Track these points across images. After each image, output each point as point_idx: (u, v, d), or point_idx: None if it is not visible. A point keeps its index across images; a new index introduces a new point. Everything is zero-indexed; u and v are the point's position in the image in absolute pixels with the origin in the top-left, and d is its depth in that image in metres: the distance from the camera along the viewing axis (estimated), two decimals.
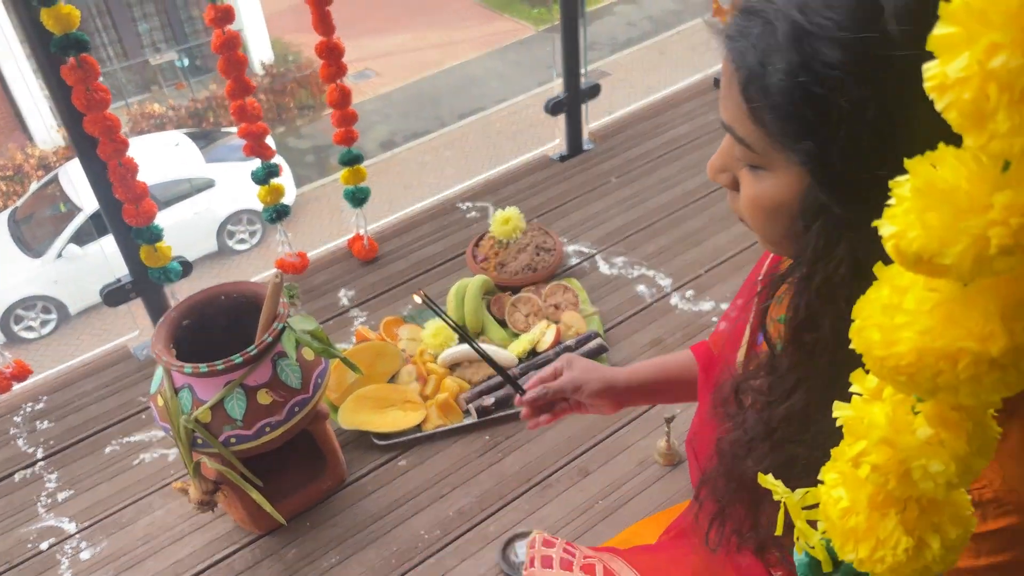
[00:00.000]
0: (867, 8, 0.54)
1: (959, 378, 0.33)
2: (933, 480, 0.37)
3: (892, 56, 0.52)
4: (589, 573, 1.18)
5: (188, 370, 1.45)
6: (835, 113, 0.56)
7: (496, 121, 9.87)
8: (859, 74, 0.55)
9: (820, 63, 0.56)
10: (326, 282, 2.25)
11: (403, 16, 12.00)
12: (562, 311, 2.02)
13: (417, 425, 1.83)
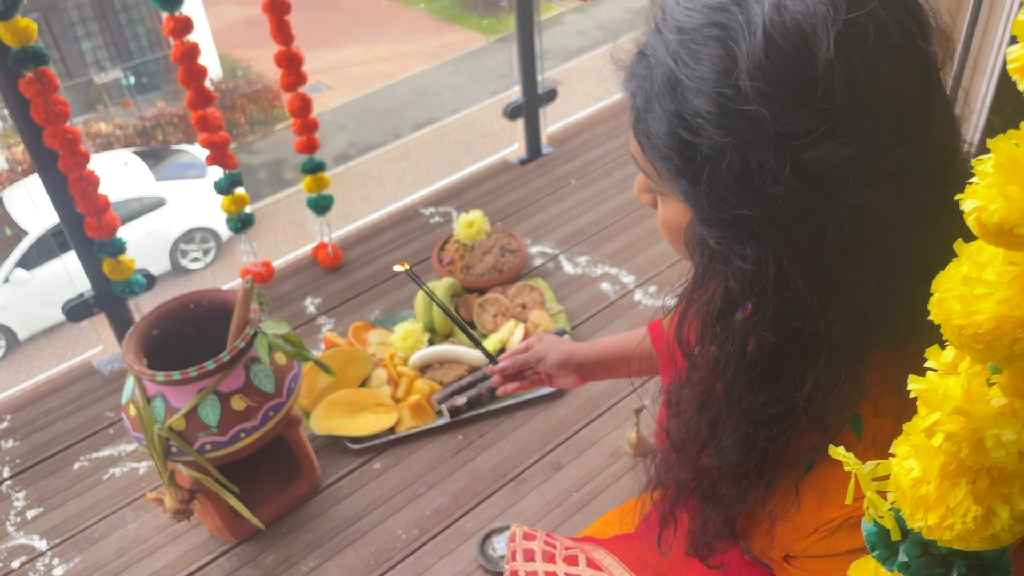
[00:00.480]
0: (725, 63, 0.59)
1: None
2: (1005, 449, 0.37)
3: (751, 113, 0.58)
4: (572, 563, 1.21)
5: (161, 379, 1.44)
6: (700, 157, 0.62)
7: (451, 131, 9.91)
8: (719, 123, 0.60)
9: (689, 111, 0.61)
10: (292, 290, 2.26)
11: (353, 30, 11.99)
12: (529, 310, 2.06)
13: (390, 428, 1.85)
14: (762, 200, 0.60)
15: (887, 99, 0.58)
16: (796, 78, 0.57)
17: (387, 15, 12.57)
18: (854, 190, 0.59)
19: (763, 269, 0.62)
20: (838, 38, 0.56)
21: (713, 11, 0.60)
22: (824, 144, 0.57)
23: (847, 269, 0.62)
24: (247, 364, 1.52)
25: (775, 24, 0.57)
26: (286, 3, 1.96)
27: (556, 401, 1.89)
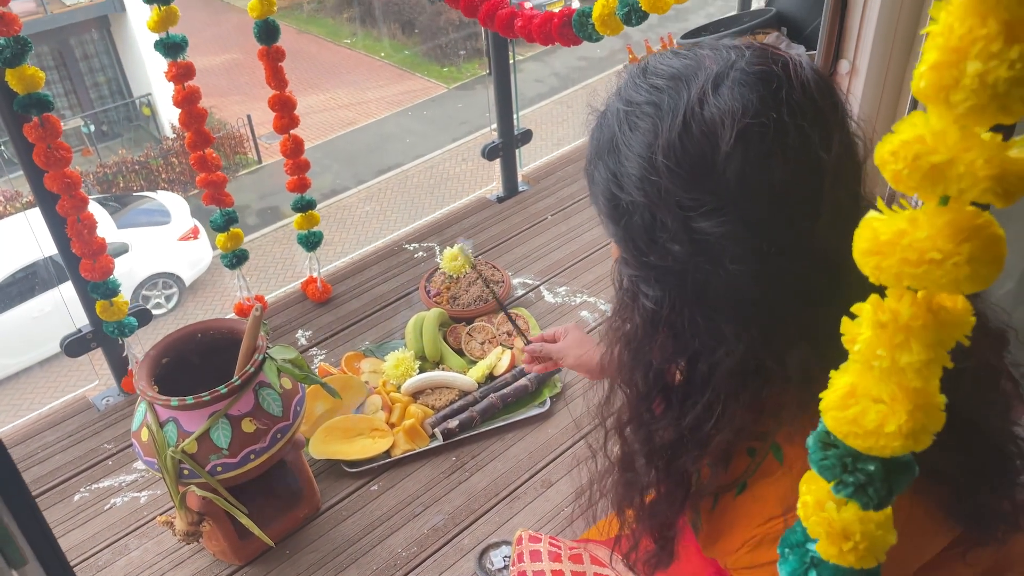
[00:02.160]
0: (650, 138, 0.71)
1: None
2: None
3: (659, 183, 0.70)
4: (577, 561, 1.30)
5: (175, 403, 1.51)
6: (623, 208, 0.74)
7: (414, 175, 10.06)
8: (638, 184, 0.72)
9: (621, 170, 0.73)
10: (283, 324, 2.33)
11: (315, 78, 12.15)
12: (515, 337, 2.17)
13: (386, 451, 1.92)
14: (663, 252, 0.72)
15: (774, 191, 0.67)
16: (698, 161, 0.68)
17: (349, 64, 12.77)
18: (733, 259, 0.69)
19: (661, 309, 0.75)
20: (740, 134, 0.66)
21: (654, 91, 0.72)
22: (711, 218, 0.68)
23: (727, 323, 0.73)
24: (256, 388, 1.59)
25: (694, 114, 0.68)
26: (281, 51, 2.07)
27: (544, 422, 1.99)
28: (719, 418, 0.75)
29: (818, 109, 0.69)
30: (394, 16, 13.34)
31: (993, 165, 0.41)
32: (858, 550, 0.57)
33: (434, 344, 2.13)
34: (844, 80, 1.20)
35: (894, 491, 0.56)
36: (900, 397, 0.51)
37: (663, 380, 0.81)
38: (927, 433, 0.52)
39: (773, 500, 0.75)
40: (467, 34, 12.51)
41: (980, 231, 0.45)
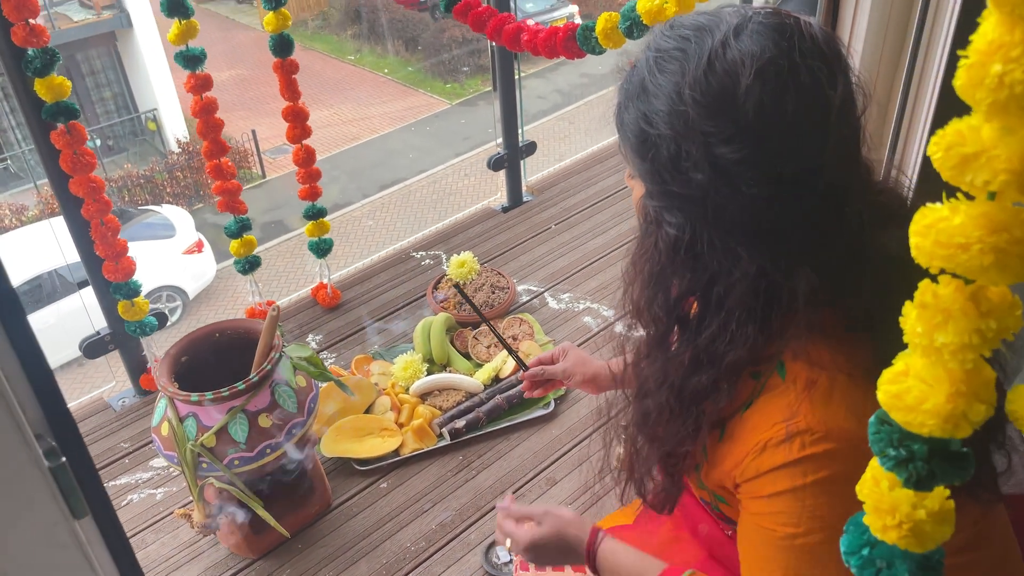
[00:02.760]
0: (678, 77, 0.80)
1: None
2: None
3: (686, 113, 0.79)
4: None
5: (195, 399, 1.57)
6: (651, 143, 0.83)
7: (417, 190, 10.16)
8: (666, 119, 0.81)
9: (650, 109, 0.82)
10: (294, 328, 2.39)
11: (319, 94, 12.28)
12: (520, 341, 2.23)
13: (395, 450, 1.98)
14: (685, 180, 0.81)
15: (786, 122, 0.76)
16: (721, 94, 0.77)
17: (353, 80, 12.92)
18: (748, 183, 0.78)
19: (682, 235, 0.84)
20: (758, 71, 0.76)
21: (681, 40, 0.81)
22: (731, 144, 0.77)
23: (741, 246, 0.81)
24: (272, 385, 1.66)
25: (718, 55, 0.78)
26: (295, 64, 2.15)
27: (549, 422, 2.05)
28: (733, 336, 0.83)
29: (824, 56, 0.78)
30: (398, 33, 13.50)
31: (1012, 160, 0.46)
32: (900, 529, 0.59)
33: (441, 347, 2.19)
34: None
35: (938, 476, 0.59)
36: (942, 379, 0.56)
37: (680, 311, 0.89)
38: (967, 420, 0.55)
39: (776, 411, 0.81)
40: (470, 51, 12.66)
41: (1012, 226, 0.49)
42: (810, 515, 0.80)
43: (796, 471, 0.80)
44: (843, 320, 0.83)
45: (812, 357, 0.81)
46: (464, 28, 12.67)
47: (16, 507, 0.61)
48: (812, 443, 0.79)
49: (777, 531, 0.83)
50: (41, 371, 0.65)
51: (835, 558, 0.78)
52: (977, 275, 0.51)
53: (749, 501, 0.87)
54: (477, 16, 1.88)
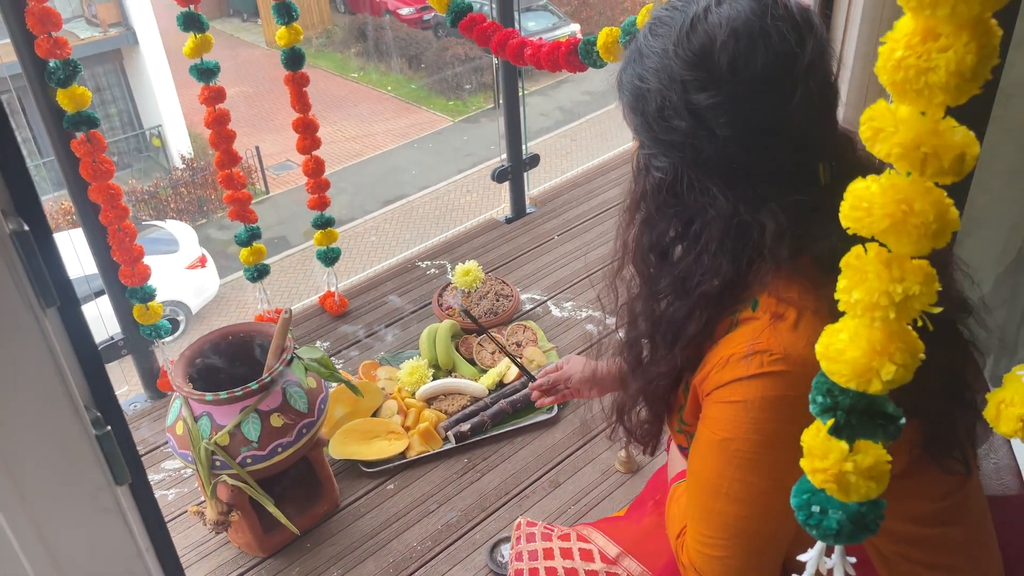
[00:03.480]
0: (666, 39, 0.91)
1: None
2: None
3: (671, 67, 0.90)
4: (565, 540, 1.41)
5: (210, 398, 1.62)
6: (643, 98, 0.93)
7: (419, 206, 10.24)
8: (655, 75, 0.91)
9: (644, 67, 0.93)
10: (302, 335, 2.44)
11: (322, 111, 12.39)
12: (524, 347, 2.28)
13: (401, 453, 2.02)
14: (669, 128, 0.91)
15: (755, 74, 0.86)
16: (699, 50, 0.88)
17: (356, 97, 13.03)
18: (721, 127, 0.88)
19: (666, 176, 0.95)
20: (732, 31, 0.86)
21: (672, 10, 0.92)
22: (706, 91, 0.88)
23: (716, 185, 0.92)
24: (284, 386, 1.70)
25: (699, 19, 0.89)
26: (305, 77, 2.22)
27: (552, 427, 2.09)
28: (706, 269, 0.94)
29: (796, 22, 0.88)
30: (401, 51, 13.65)
31: (904, 136, 0.53)
32: (826, 474, 0.67)
33: (447, 353, 2.24)
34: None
35: (857, 429, 0.66)
36: (861, 336, 0.62)
37: (664, 249, 0.99)
38: (878, 377, 0.61)
39: (745, 335, 0.90)
40: (472, 68, 12.79)
41: (913, 198, 0.57)
42: (751, 426, 0.89)
43: (750, 385, 0.88)
44: (817, 263, 0.92)
45: (782, 294, 0.90)
46: (466, 46, 12.71)
47: (66, 472, 0.66)
48: (770, 363, 0.87)
49: (717, 434, 0.92)
50: (89, 349, 0.70)
51: (764, 471, 0.90)
52: (883, 240, 0.58)
53: (706, 409, 0.96)
54: (482, 31, 1.94)
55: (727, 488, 0.92)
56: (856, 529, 0.68)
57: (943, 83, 0.54)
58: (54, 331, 0.64)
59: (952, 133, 0.54)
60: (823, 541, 0.71)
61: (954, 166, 0.55)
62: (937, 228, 0.57)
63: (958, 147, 0.54)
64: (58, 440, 0.65)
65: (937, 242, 0.57)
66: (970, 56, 0.50)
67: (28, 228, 0.59)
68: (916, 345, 0.61)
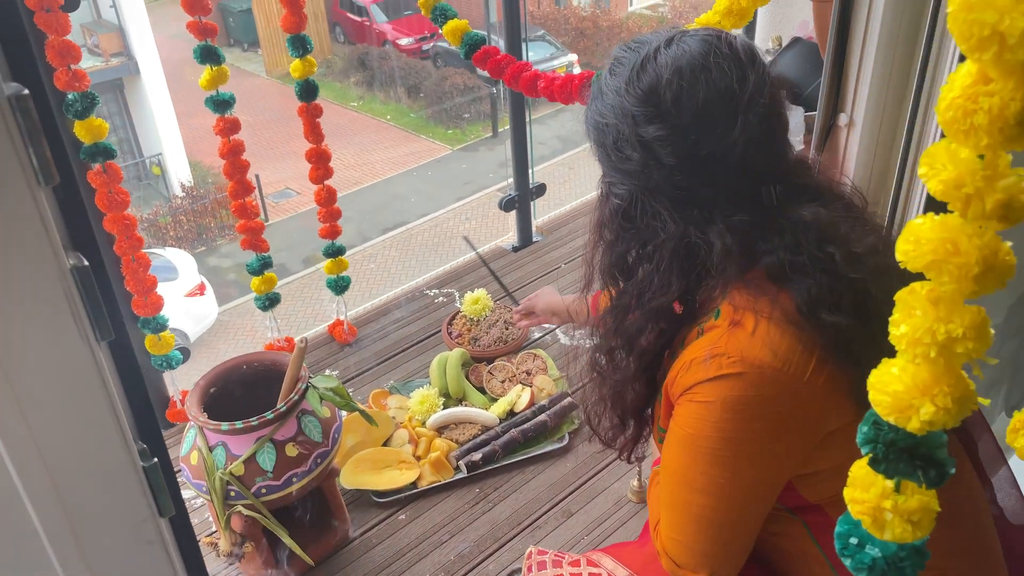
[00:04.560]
0: (620, 78, 0.99)
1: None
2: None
3: (623, 103, 0.98)
4: (575, 566, 1.42)
5: (225, 428, 1.62)
6: (602, 131, 1.03)
7: (418, 234, 10.27)
8: (610, 110, 1.00)
9: (604, 102, 1.02)
10: (312, 364, 2.44)
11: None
12: (534, 376, 2.28)
13: (412, 482, 2.01)
14: (625, 158, 1.00)
15: (697, 107, 0.94)
16: (647, 87, 0.96)
17: (356, 126, 13.13)
18: (669, 156, 0.96)
19: (623, 203, 1.03)
20: (676, 69, 0.95)
21: (629, 51, 1.01)
22: (653, 123, 0.96)
23: (667, 210, 1.00)
24: (299, 415, 1.70)
25: (650, 59, 0.98)
26: (319, 108, 2.24)
27: (563, 456, 2.09)
28: (657, 285, 1.03)
29: (738, 59, 0.96)
30: (400, 80, 13.78)
31: (948, 171, 0.55)
32: (863, 505, 0.67)
33: (457, 382, 2.24)
34: (843, 132, 1.35)
35: (896, 467, 0.65)
36: (907, 371, 0.63)
37: (625, 268, 1.08)
38: (916, 414, 0.62)
39: (707, 341, 0.97)
40: (472, 98, 12.91)
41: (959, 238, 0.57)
42: (713, 424, 0.96)
43: (710, 387, 0.95)
44: (769, 276, 0.99)
45: (741, 303, 0.98)
46: (465, 76, 12.83)
47: (114, 503, 0.66)
48: (728, 365, 0.94)
49: (686, 430, 1.00)
50: (137, 381, 0.71)
51: (727, 464, 0.97)
52: (927, 275, 0.59)
53: (676, 408, 1.03)
54: (496, 63, 1.97)
55: (692, 480, 1.01)
56: (890, 572, 0.69)
57: (986, 126, 0.55)
58: (106, 363, 0.64)
59: (999, 178, 0.55)
60: (855, 575, 0.71)
61: (997, 211, 0.57)
62: (980, 272, 0.58)
63: (1002, 192, 0.56)
64: (107, 471, 0.65)
65: (983, 286, 0.58)
66: (1015, 103, 0.52)
67: (87, 263, 0.60)
68: (966, 391, 0.62)
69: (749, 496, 1.01)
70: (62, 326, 0.58)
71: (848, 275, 0.96)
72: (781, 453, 0.98)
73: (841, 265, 0.96)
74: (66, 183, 0.60)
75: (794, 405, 0.94)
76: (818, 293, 0.94)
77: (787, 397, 0.93)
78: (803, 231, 0.97)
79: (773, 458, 0.98)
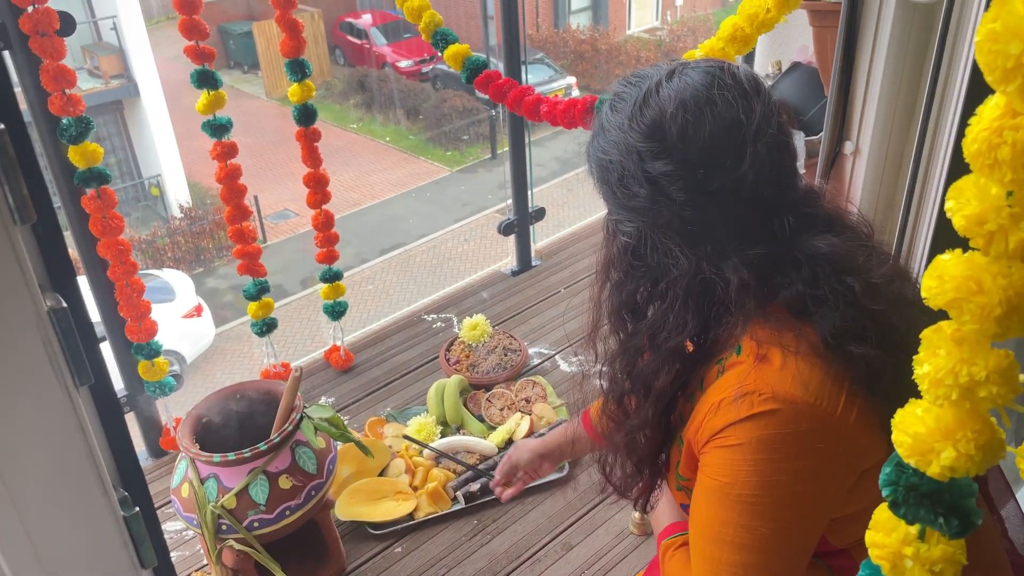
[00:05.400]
0: (623, 114, 0.96)
1: None
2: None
3: (628, 139, 0.95)
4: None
5: (217, 459, 1.58)
6: (606, 168, 0.99)
7: (416, 255, 10.25)
8: (614, 146, 0.97)
9: (607, 139, 0.98)
10: (307, 391, 2.40)
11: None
12: (533, 404, 2.24)
13: (409, 514, 1.97)
14: (631, 194, 0.96)
15: (704, 141, 0.91)
16: (651, 122, 0.93)
17: (355, 148, 13.16)
18: (678, 191, 0.93)
19: (631, 240, 0.99)
20: (681, 102, 0.92)
21: (630, 86, 0.98)
22: (659, 159, 0.92)
23: (678, 246, 0.96)
24: (293, 446, 1.66)
25: (651, 93, 0.95)
26: (317, 132, 2.22)
27: (563, 487, 2.05)
28: (672, 324, 0.98)
29: (743, 91, 0.93)
30: (400, 102, 13.83)
31: (971, 206, 0.53)
32: (883, 549, 0.64)
33: (455, 409, 2.21)
34: (848, 159, 1.32)
35: (916, 512, 0.62)
36: (931, 413, 0.60)
37: (635, 307, 1.04)
38: (937, 458, 0.59)
39: (732, 379, 0.92)
40: (471, 120, 12.95)
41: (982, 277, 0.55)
42: (750, 469, 0.90)
43: (743, 428, 0.90)
44: (789, 309, 0.96)
45: (761, 337, 0.93)
46: (464, 98, 12.87)
47: (93, 554, 0.63)
48: (760, 403, 0.89)
49: (717, 480, 0.93)
50: (118, 427, 0.67)
51: (767, 513, 0.91)
52: (950, 313, 0.57)
53: (704, 457, 0.96)
54: (498, 88, 1.96)
55: (732, 536, 0.93)
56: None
57: (1010, 160, 0.53)
58: (85, 408, 0.61)
59: (1023, 215, 0.52)
60: None
61: (1020, 250, 0.54)
62: (1003, 313, 0.55)
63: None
64: (85, 521, 0.62)
65: (1007, 328, 0.55)
66: None
67: (65, 305, 0.57)
68: (992, 438, 0.59)
69: (793, 548, 0.94)
70: (39, 372, 0.55)
71: (869, 307, 0.92)
72: (821, 494, 0.93)
73: (862, 296, 0.93)
74: (44, 218, 0.57)
75: (830, 441, 0.89)
76: (843, 325, 0.91)
77: (823, 432, 0.89)
78: (820, 263, 0.94)
79: (814, 502, 0.92)
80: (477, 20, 14.49)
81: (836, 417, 0.88)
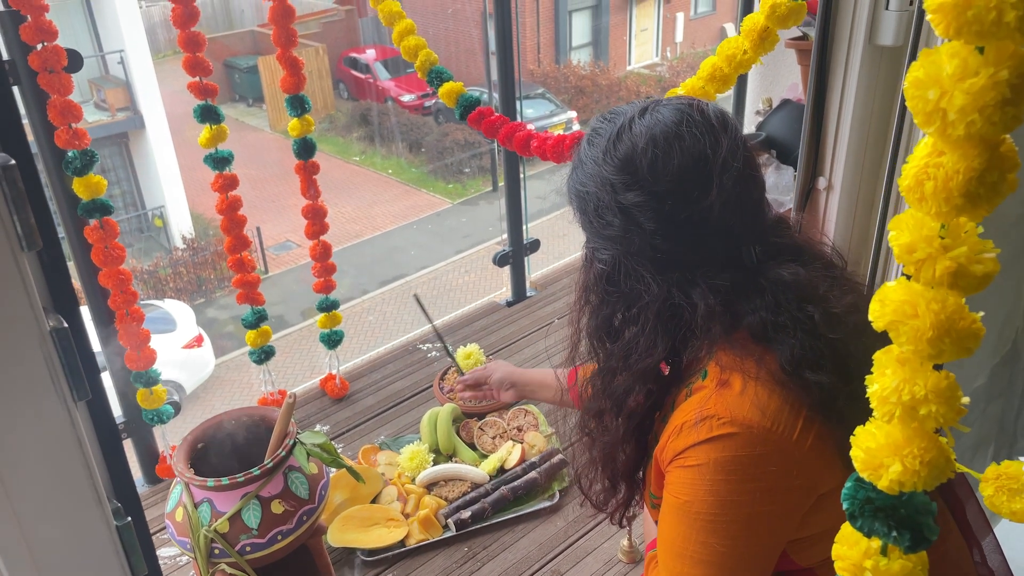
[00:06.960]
0: (598, 148, 1.03)
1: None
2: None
3: (602, 172, 1.01)
4: None
5: (211, 484, 1.61)
6: (583, 199, 1.05)
7: (417, 287, 10.31)
8: (590, 179, 1.04)
9: (584, 171, 1.05)
10: (302, 419, 2.44)
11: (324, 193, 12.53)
12: (525, 432, 2.27)
13: (401, 540, 1.99)
14: (606, 224, 1.03)
15: (672, 174, 0.97)
16: (624, 156, 1.00)
17: (357, 180, 13.29)
18: (648, 220, 0.99)
19: (606, 267, 1.05)
20: (651, 138, 0.98)
21: (606, 122, 1.05)
22: (631, 190, 0.99)
23: (649, 273, 1.02)
24: (285, 471, 1.70)
25: (624, 128, 1.01)
26: (316, 166, 2.28)
27: (554, 514, 2.07)
28: (644, 347, 1.05)
29: (710, 126, 1.00)
30: (402, 136, 14.00)
31: (904, 236, 0.57)
32: (844, 562, 0.68)
33: (448, 437, 2.23)
34: (822, 195, 1.38)
35: (870, 526, 0.66)
36: (881, 429, 0.64)
37: (611, 331, 1.10)
38: (886, 473, 0.63)
39: (696, 403, 0.97)
40: (472, 154, 13.10)
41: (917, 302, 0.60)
42: (708, 488, 0.95)
43: (702, 449, 0.95)
44: (752, 336, 1.00)
45: (724, 363, 0.99)
46: (466, 132, 13.04)
47: (87, 561, 0.66)
48: (719, 426, 0.94)
49: (679, 498, 0.99)
50: (113, 440, 0.71)
51: (724, 531, 0.96)
52: (890, 335, 0.62)
53: (667, 477, 1.02)
54: (490, 124, 2.02)
55: (691, 551, 0.98)
56: None
57: (933, 195, 0.58)
58: (83, 422, 0.65)
59: (955, 246, 0.57)
60: None
61: (946, 278, 0.58)
62: (934, 336, 0.60)
63: (951, 260, 0.57)
64: (80, 529, 0.65)
65: (939, 351, 0.60)
66: (959, 176, 0.54)
67: (67, 325, 0.61)
68: (938, 455, 0.62)
69: (749, 565, 0.98)
70: (40, 387, 0.59)
71: (827, 335, 0.97)
72: (776, 516, 0.97)
73: (820, 325, 0.97)
74: (49, 245, 0.62)
75: (786, 464, 0.94)
76: (800, 353, 0.95)
77: (778, 456, 0.93)
78: (783, 291, 0.99)
79: (769, 521, 0.97)
80: (476, 56, 14.73)
81: (792, 442, 0.93)
